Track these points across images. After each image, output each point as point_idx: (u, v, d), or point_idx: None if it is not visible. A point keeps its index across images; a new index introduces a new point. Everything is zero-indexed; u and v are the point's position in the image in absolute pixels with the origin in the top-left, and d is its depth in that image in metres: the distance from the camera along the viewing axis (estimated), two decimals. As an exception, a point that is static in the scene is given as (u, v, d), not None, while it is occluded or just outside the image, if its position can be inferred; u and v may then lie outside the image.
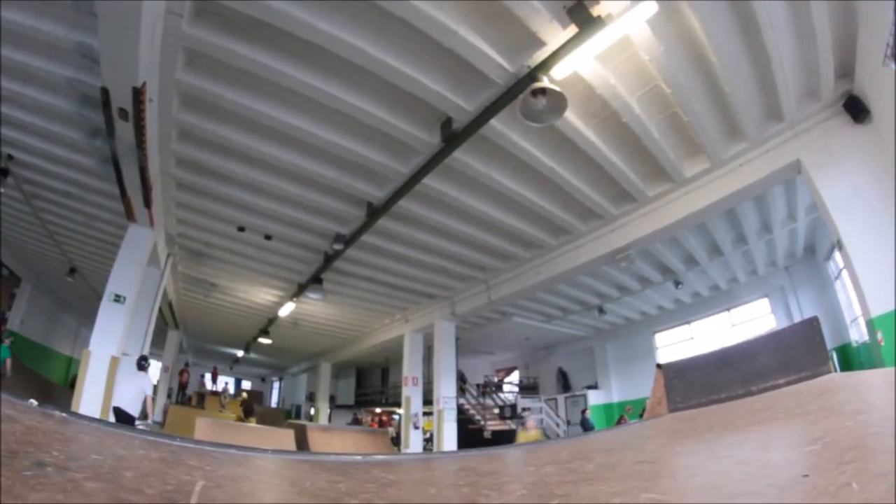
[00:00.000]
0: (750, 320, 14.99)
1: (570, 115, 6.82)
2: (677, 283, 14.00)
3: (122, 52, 5.78)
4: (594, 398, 18.62)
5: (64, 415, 2.91)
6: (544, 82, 5.90)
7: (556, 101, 6.04)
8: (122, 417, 9.77)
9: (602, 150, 7.73)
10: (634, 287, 14.69)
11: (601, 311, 16.15)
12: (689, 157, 8.32)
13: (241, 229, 11.03)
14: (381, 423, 20.98)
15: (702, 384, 5.57)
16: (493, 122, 7.01)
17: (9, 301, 19.32)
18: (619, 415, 16.72)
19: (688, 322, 17.07)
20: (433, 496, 1.52)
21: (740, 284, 14.90)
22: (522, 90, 6.12)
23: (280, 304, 16.44)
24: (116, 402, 9.56)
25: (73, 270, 17.41)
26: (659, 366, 6.45)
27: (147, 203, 8.84)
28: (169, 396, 20.43)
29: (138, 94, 6.27)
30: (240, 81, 6.77)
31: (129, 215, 9.45)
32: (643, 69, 6.44)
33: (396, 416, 21.89)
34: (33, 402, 2.91)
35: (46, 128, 8.55)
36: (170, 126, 7.62)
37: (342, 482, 1.57)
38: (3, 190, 10.52)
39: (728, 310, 15.66)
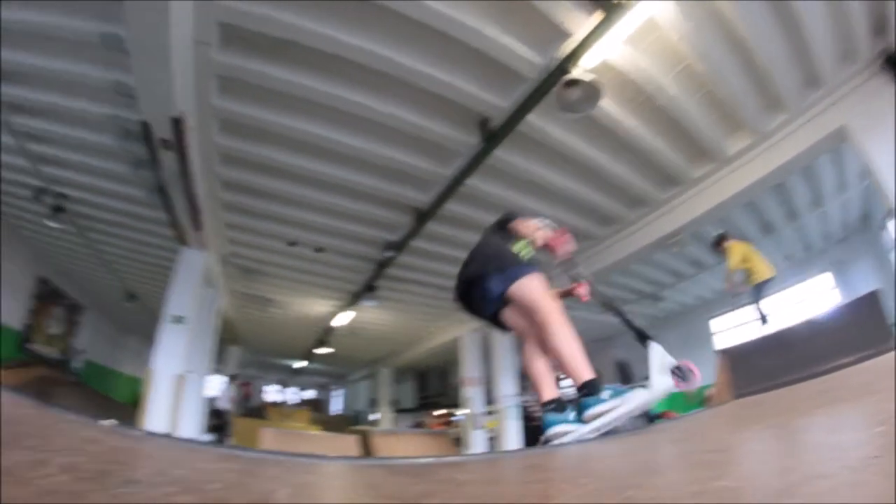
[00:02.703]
0: (812, 297, 14.37)
1: (605, 102, 6.72)
2: (732, 265, 13.60)
3: (157, 86, 6.00)
4: None
5: (142, 433, 3.03)
6: (575, 73, 5.84)
7: (590, 91, 5.98)
8: (221, 414, 14.98)
9: (642, 135, 7.60)
10: (688, 272, 14.28)
11: (657, 298, 15.75)
12: (731, 135, 8.08)
13: (292, 244, 11.23)
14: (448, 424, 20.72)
15: (764, 368, 5.42)
16: (530, 117, 6.95)
17: (72, 329, 20.18)
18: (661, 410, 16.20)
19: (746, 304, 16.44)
20: (510, 494, 1.53)
21: (797, 261, 14.33)
22: (555, 83, 6.07)
23: (336, 314, 16.61)
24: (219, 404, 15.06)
25: (131, 296, 18.06)
26: (720, 351, 6.30)
27: (197, 227, 9.11)
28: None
29: (178, 124, 6.49)
30: (275, 101, 6.93)
31: (181, 240, 9.77)
32: (674, 49, 6.31)
33: (458, 417, 21.83)
34: (110, 422, 3.03)
35: (93, 164, 9.02)
36: (212, 151, 7.87)
37: (417, 484, 1.59)
38: (58, 226, 11.06)
39: (787, 288, 15.02)
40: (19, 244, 15.17)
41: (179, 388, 9.25)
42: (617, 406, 3.08)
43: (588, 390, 3.17)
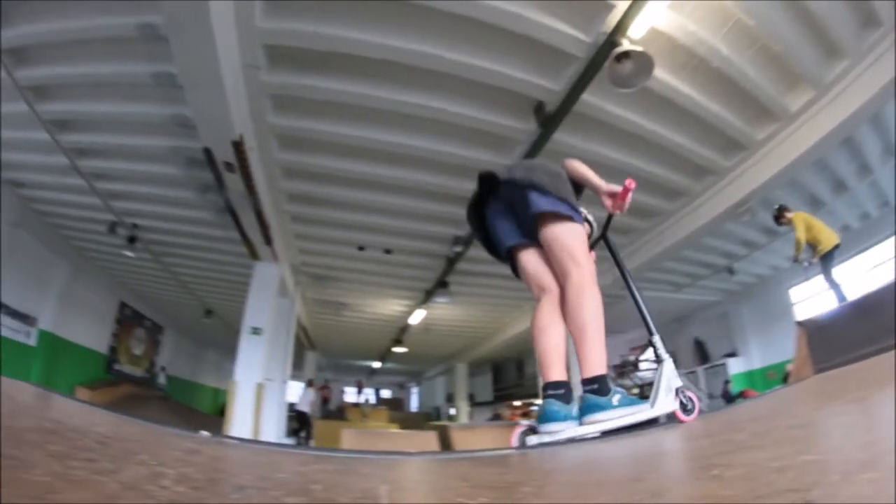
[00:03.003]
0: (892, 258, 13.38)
1: (659, 72, 6.44)
2: (804, 231, 12.76)
3: (213, 114, 6.30)
4: (735, 366, 17.14)
5: (235, 441, 3.20)
6: (624, 45, 5.71)
7: (642, 62, 5.81)
8: (302, 416, 15.85)
9: (700, 101, 7.27)
10: (761, 241, 13.50)
11: (731, 271, 14.97)
12: (791, 90, 7.58)
13: (361, 248, 11.50)
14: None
15: (846, 339, 5.11)
16: (585, 96, 6.78)
17: (154, 348, 21.94)
18: (740, 389, 15.43)
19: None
20: (598, 479, 1.55)
21: (873, 220, 13.40)
22: (605, 58, 5.92)
23: (410, 313, 16.85)
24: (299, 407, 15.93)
25: (208, 312, 18.98)
26: (799, 323, 6.02)
27: (268, 241, 9.55)
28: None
29: (238, 147, 6.79)
30: (329, 112, 7.12)
31: (253, 255, 10.22)
32: (720, 6, 5.99)
33: (535, 408, 21.67)
34: (205, 433, 3.20)
35: (162, 194, 9.69)
36: (274, 167, 8.22)
37: (507, 474, 1.63)
38: (133, 255, 11.80)
39: (864, 250, 14.01)
40: (100, 275, 16.52)
41: (260, 395, 9.73)
42: (622, 416, 2.60)
43: (599, 388, 2.62)
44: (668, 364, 2.86)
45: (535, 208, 2.84)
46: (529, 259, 3.05)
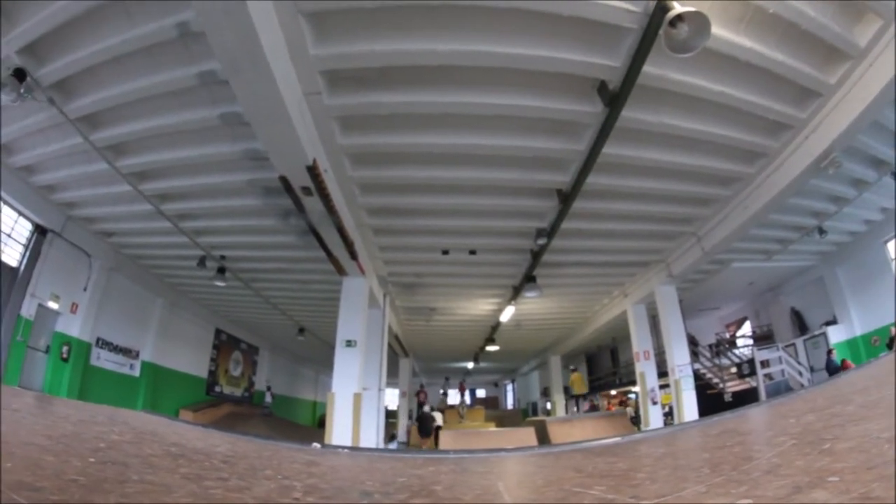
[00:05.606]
0: None
1: (716, 30, 6.03)
2: (896, 175, 11.83)
3: (284, 144, 6.57)
4: (835, 335, 15.83)
5: (345, 449, 3.37)
6: (676, 8, 5.50)
7: (697, 22, 5.54)
8: None
9: (763, 52, 6.74)
10: (850, 194, 12.29)
11: (821, 231, 14.00)
12: (857, 22, 6.78)
13: (446, 252, 11.64)
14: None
15: None
16: (646, 68, 6.46)
17: (252, 368, 23.47)
18: (841, 359, 14.40)
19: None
20: (710, 459, 1.58)
21: None
22: (659, 25, 5.68)
23: (500, 311, 16.88)
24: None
25: (301, 330, 20.03)
26: None
27: (353, 256, 9.87)
28: (410, 418, 21.98)
29: (313, 171, 7.06)
30: (395, 125, 7.30)
31: (340, 271, 10.61)
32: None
33: (632, 395, 21.25)
34: (317, 445, 3.39)
35: (245, 224, 10.35)
36: (350, 185, 8.51)
37: (619, 462, 1.68)
38: (224, 284, 12.66)
39: None
40: (194, 306, 17.98)
41: (358, 404, 10.10)
42: None
43: None
44: None
45: None
46: None
